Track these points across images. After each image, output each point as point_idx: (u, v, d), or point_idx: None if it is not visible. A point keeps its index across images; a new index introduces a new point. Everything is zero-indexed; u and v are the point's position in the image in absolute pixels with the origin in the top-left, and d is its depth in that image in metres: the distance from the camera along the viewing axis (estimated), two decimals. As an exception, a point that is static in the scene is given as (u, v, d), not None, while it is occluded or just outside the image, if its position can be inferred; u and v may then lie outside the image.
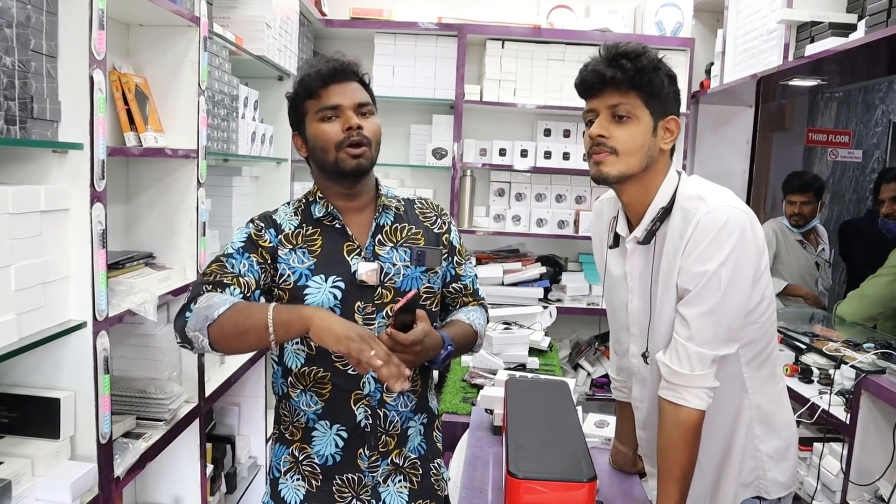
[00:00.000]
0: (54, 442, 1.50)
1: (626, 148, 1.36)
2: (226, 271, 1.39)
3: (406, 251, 1.48)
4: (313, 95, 1.42)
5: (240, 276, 1.39)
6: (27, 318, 1.36)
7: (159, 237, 2.07)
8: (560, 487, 1.19)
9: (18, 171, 1.47)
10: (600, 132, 1.37)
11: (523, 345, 2.84)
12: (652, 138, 1.37)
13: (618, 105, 1.35)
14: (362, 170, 1.43)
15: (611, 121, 1.37)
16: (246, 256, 1.42)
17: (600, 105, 1.37)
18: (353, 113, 1.42)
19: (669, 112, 1.39)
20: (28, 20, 1.34)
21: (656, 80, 1.35)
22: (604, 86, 1.36)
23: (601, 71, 1.35)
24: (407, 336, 1.30)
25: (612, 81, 1.34)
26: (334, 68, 1.43)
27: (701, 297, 1.33)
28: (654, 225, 1.40)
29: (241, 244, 1.44)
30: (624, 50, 1.34)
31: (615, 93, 1.35)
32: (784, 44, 2.75)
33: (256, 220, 1.48)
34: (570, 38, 3.62)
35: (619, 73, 1.33)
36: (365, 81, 1.49)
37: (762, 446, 1.47)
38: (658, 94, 1.36)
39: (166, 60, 2.01)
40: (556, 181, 3.83)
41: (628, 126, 1.36)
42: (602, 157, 1.37)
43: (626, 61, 1.33)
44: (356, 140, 1.40)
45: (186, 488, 2.17)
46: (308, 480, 1.48)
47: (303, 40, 3.26)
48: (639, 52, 1.34)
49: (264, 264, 1.42)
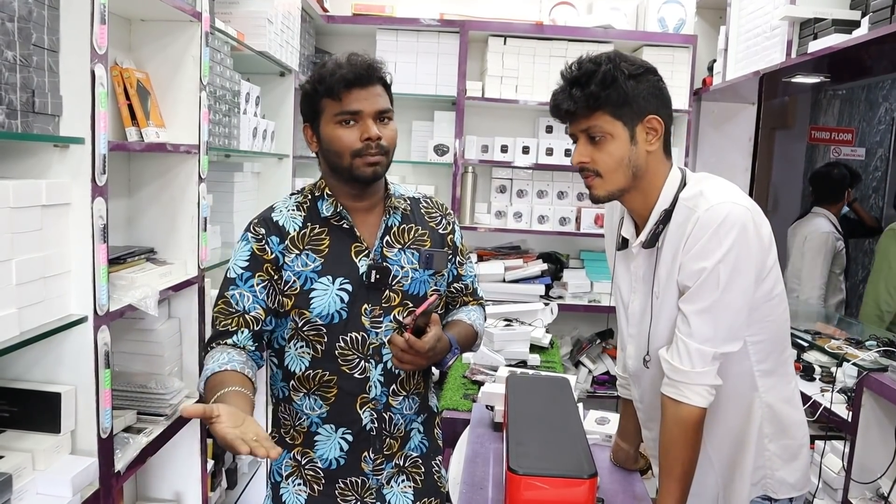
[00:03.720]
0: (55, 436, 1.50)
1: (607, 168, 1.37)
2: (231, 313, 1.38)
3: (413, 253, 1.47)
4: (334, 96, 1.37)
5: (245, 313, 1.38)
6: (28, 313, 1.36)
7: (160, 232, 2.07)
8: (561, 484, 1.19)
9: (20, 166, 1.47)
10: (580, 159, 1.39)
11: (524, 341, 2.84)
12: (632, 148, 1.37)
13: (589, 128, 1.37)
14: (377, 177, 1.42)
15: (588, 143, 1.38)
16: (249, 285, 1.39)
17: (576, 130, 1.40)
18: (372, 122, 1.38)
19: (646, 112, 1.36)
20: (30, 14, 1.34)
21: (615, 93, 1.33)
22: (569, 115, 1.38)
23: (562, 106, 1.37)
24: (424, 343, 1.32)
25: (571, 114, 1.36)
26: (359, 72, 1.37)
27: (699, 294, 1.32)
28: (657, 228, 1.40)
29: (244, 265, 1.40)
30: (575, 76, 1.36)
31: (581, 119, 1.37)
32: (787, 41, 2.74)
33: (256, 228, 1.43)
34: (573, 35, 3.61)
35: (573, 104, 1.35)
36: (387, 83, 1.44)
37: (771, 445, 1.46)
38: (625, 102, 1.34)
39: (168, 55, 2.01)
40: (558, 178, 3.83)
41: (604, 146, 1.36)
42: (589, 181, 1.41)
43: (577, 89, 1.34)
44: (374, 151, 1.38)
45: (187, 483, 2.17)
46: (310, 485, 1.46)
47: (304, 36, 3.25)
48: (589, 73, 1.34)
49: (269, 281, 1.40)
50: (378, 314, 1.42)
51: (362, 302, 1.41)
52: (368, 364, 1.42)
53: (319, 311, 1.39)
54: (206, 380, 1.30)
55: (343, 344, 1.40)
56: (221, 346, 1.37)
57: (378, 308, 1.42)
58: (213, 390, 1.24)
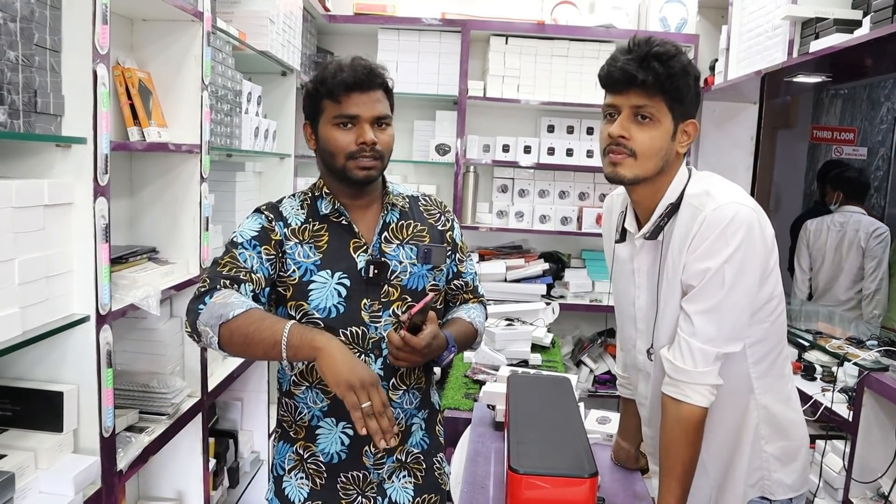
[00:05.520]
0: (57, 435, 1.50)
1: (645, 151, 1.34)
2: (239, 265, 1.36)
3: (412, 249, 1.48)
4: (333, 98, 1.39)
5: (252, 271, 1.37)
6: (31, 312, 1.36)
7: (162, 232, 2.07)
8: (561, 483, 1.19)
9: (22, 165, 1.47)
10: (621, 132, 1.34)
11: (526, 341, 2.84)
12: (670, 142, 1.36)
13: (642, 107, 1.32)
14: (370, 180, 1.43)
15: (632, 121, 1.33)
16: (256, 249, 1.39)
17: (624, 103, 1.34)
18: (369, 126, 1.39)
19: (689, 115, 1.37)
20: (32, 14, 1.34)
21: (684, 86, 1.31)
22: (630, 85, 1.31)
23: (631, 71, 1.30)
24: (420, 340, 1.32)
25: (641, 83, 1.30)
26: (360, 77, 1.38)
27: (704, 294, 1.32)
28: (661, 221, 1.40)
29: (253, 233, 1.41)
30: (657, 51, 1.30)
31: (641, 94, 1.31)
32: (788, 40, 2.74)
33: (266, 211, 1.47)
34: (574, 35, 3.61)
35: (650, 77, 1.29)
36: (389, 88, 1.45)
37: (768, 447, 1.46)
38: (683, 98, 1.33)
39: (170, 55, 2.01)
40: (560, 177, 3.83)
41: (649, 129, 1.33)
42: (620, 158, 1.35)
43: (658, 64, 1.29)
44: (368, 155, 1.39)
45: (189, 482, 2.17)
46: (312, 478, 1.48)
47: (306, 35, 3.26)
48: (671, 55, 1.30)
49: (273, 258, 1.41)
50: (377, 309, 1.43)
51: (361, 297, 1.42)
52: (368, 358, 1.42)
53: (317, 304, 1.41)
54: (249, 308, 1.26)
55: (342, 338, 1.41)
56: (228, 289, 1.32)
57: (377, 303, 1.43)
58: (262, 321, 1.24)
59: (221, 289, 1.32)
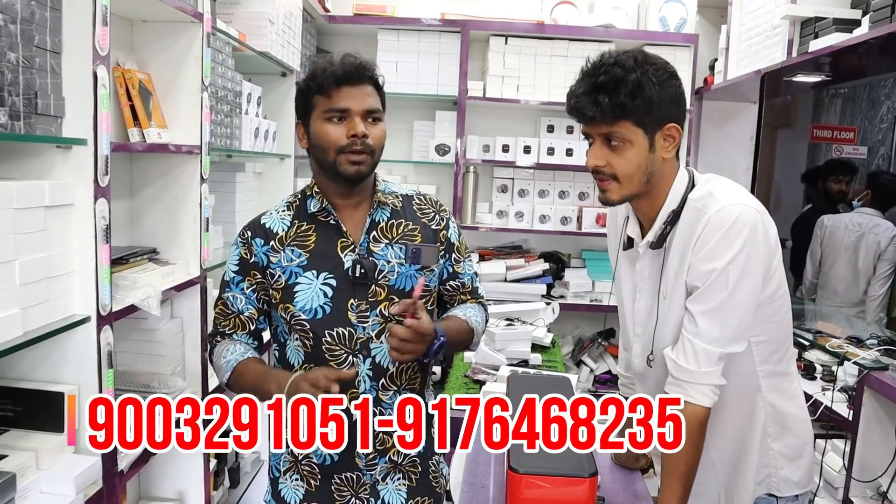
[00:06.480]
0: (58, 435, 1.51)
1: (625, 174, 1.35)
2: (229, 314, 1.49)
3: (401, 248, 1.46)
4: (324, 93, 1.39)
5: (240, 314, 1.48)
6: (31, 313, 1.36)
7: (163, 232, 2.08)
8: (561, 483, 1.19)
9: (23, 167, 1.48)
10: (595, 163, 1.36)
11: (526, 341, 2.84)
12: (650, 155, 1.34)
13: (609, 133, 1.33)
14: (361, 176, 1.42)
15: (605, 146, 1.34)
16: (240, 287, 1.47)
17: (593, 132, 1.35)
18: (360, 119, 1.39)
19: (667, 119, 1.34)
20: (32, 16, 1.34)
21: (641, 103, 1.29)
22: (590, 118, 1.33)
23: (582, 110, 1.32)
24: (427, 324, 1.31)
25: (595, 118, 1.32)
26: (349, 70, 1.39)
27: (708, 295, 1.33)
28: (665, 228, 1.40)
29: (235, 269, 1.48)
30: (601, 81, 1.29)
31: (602, 124, 1.32)
32: (788, 40, 2.74)
33: (244, 232, 1.50)
34: (574, 35, 3.61)
35: (598, 112, 1.30)
36: (379, 84, 1.46)
37: (774, 444, 1.46)
38: (649, 111, 1.31)
39: (170, 56, 2.02)
40: (560, 177, 3.83)
41: (623, 152, 1.33)
42: (605, 184, 1.37)
43: (605, 95, 1.28)
44: (359, 149, 1.39)
45: (190, 483, 2.18)
46: (307, 480, 1.48)
47: (306, 36, 3.26)
48: (618, 78, 1.28)
49: (256, 284, 1.47)
50: (364, 309, 1.42)
51: (348, 297, 1.42)
52: (356, 359, 1.42)
53: (302, 306, 1.41)
54: (232, 369, 1.44)
55: (330, 339, 1.41)
56: (228, 339, 1.50)
57: (364, 303, 1.42)
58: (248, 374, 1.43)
59: (221, 339, 1.51)
